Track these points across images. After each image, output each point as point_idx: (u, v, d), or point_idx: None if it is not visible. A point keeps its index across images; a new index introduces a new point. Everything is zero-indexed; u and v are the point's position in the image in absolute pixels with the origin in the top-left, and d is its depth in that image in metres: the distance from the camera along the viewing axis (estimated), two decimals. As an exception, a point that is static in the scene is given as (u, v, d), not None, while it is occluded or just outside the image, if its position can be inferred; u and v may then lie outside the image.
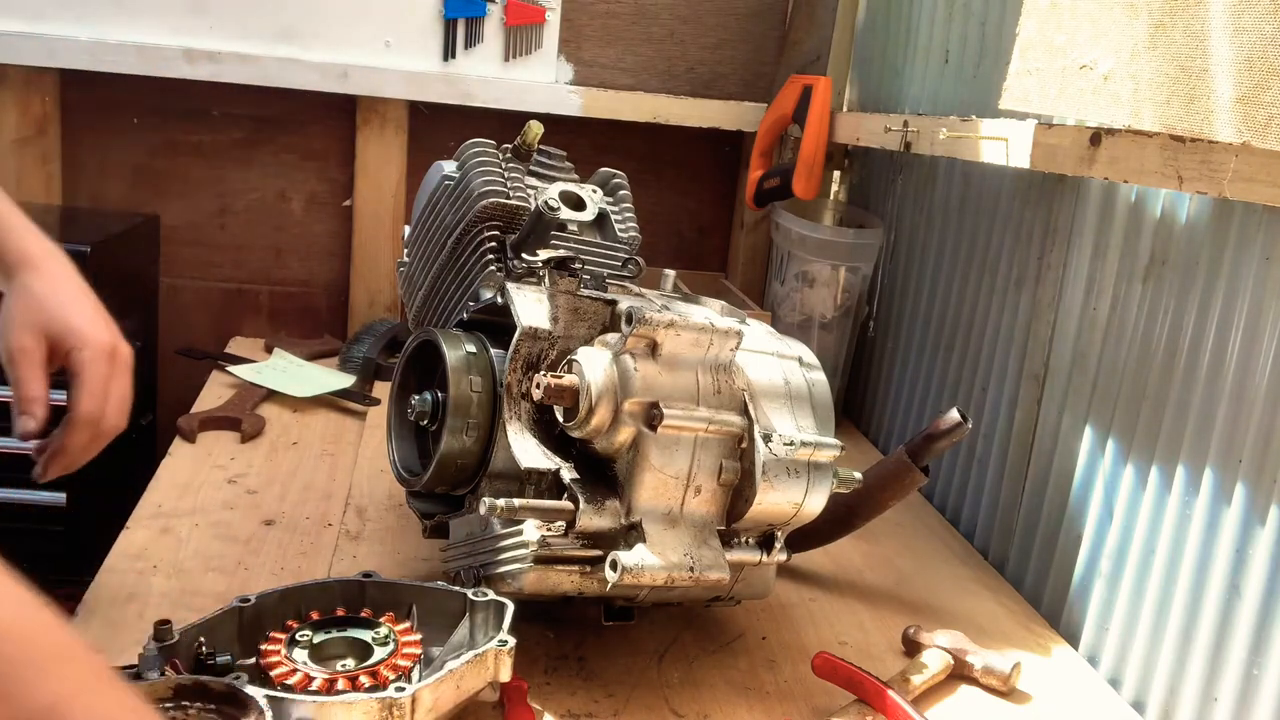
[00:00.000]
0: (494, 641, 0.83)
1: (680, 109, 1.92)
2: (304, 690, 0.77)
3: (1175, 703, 0.99)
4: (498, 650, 0.82)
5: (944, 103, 1.53)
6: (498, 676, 0.82)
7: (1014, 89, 1.21)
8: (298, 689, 0.77)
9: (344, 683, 0.78)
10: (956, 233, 1.50)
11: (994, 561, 1.31)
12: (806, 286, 1.69)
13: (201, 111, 1.86)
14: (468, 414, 0.95)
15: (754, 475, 0.91)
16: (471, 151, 1.11)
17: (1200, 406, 0.99)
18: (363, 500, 1.25)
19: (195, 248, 1.92)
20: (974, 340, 1.42)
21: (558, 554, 0.90)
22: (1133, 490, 1.08)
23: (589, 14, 1.90)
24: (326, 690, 0.77)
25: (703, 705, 0.93)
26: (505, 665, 0.82)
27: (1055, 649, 1.11)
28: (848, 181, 1.87)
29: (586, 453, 0.93)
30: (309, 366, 1.69)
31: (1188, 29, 0.94)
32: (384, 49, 1.84)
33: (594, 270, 1.05)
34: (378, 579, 0.92)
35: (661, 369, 0.91)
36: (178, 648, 0.78)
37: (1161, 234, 1.07)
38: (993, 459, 1.35)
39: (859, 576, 1.22)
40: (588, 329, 0.97)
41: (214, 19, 1.78)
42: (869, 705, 0.92)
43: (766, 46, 1.96)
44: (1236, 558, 0.93)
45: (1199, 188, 0.91)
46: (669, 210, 2.04)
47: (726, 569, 0.92)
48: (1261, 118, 0.84)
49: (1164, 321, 1.05)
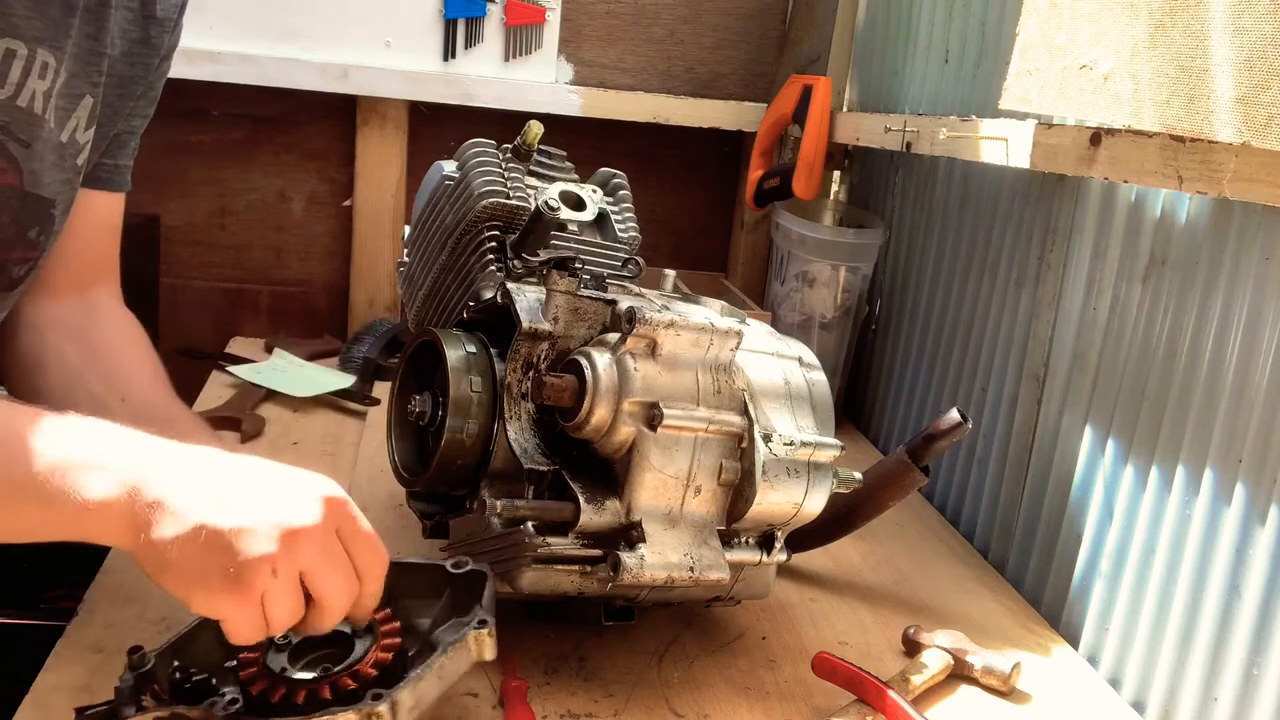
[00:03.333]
0: (473, 623, 0.79)
1: (680, 109, 1.92)
2: (283, 701, 0.75)
3: (1175, 703, 0.99)
4: (477, 634, 0.79)
5: (944, 103, 1.53)
6: (481, 657, 0.79)
7: (1014, 89, 1.21)
8: (276, 700, 0.75)
9: (325, 690, 0.75)
10: (956, 233, 1.50)
11: (994, 561, 1.31)
12: (806, 286, 1.69)
13: (201, 111, 1.86)
14: (468, 414, 0.95)
15: (754, 475, 0.91)
16: (471, 151, 1.11)
17: (1200, 406, 0.99)
18: (363, 500, 1.24)
19: (195, 248, 1.93)
20: (974, 340, 1.42)
21: (558, 554, 0.90)
22: (1133, 490, 1.08)
23: (589, 14, 1.90)
24: (306, 700, 0.74)
25: (703, 705, 0.93)
26: (487, 646, 0.79)
27: (1055, 649, 1.11)
28: (848, 181, 1.87)
29: (586, 453, 0.93)
30: (309, 366, 1.69)
31: (1188, 29, 0.94)
32: (384, 49, 1.84)
33: (594, 270, 1.05)
34: None
35: (661, 369, 0.91)
36: (155, 673, 0.75)
37: (1161, 234, 1.07)
38: (993, 459, 1.35)
39: (859, 576, 1.22)
40: (588, 329, 0.97)
41: (214, 19, 1.78)
42: (869, 705, 0.92)
43: (766, 46, 1.96)
44: (1236, 558, 0.93)
45: (1199, 188, 0.91)
46: (669, 210, 2.04)
47: (726, 569, 0.92)
48: (1261, 118, 0.85)
49: (1164, 321, 1.05)
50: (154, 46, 0.97)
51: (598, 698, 0.92)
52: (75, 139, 0.89)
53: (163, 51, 0.99)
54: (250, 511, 0.66)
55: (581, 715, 0.89)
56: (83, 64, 0.87)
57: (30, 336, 0.99)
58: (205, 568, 0.65)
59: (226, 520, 0.66)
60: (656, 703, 0.92)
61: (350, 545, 0.71)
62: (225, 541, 0.65)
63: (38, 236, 0.91)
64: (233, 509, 0.66)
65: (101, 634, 0.92)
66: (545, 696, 0.91)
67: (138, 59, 0.96)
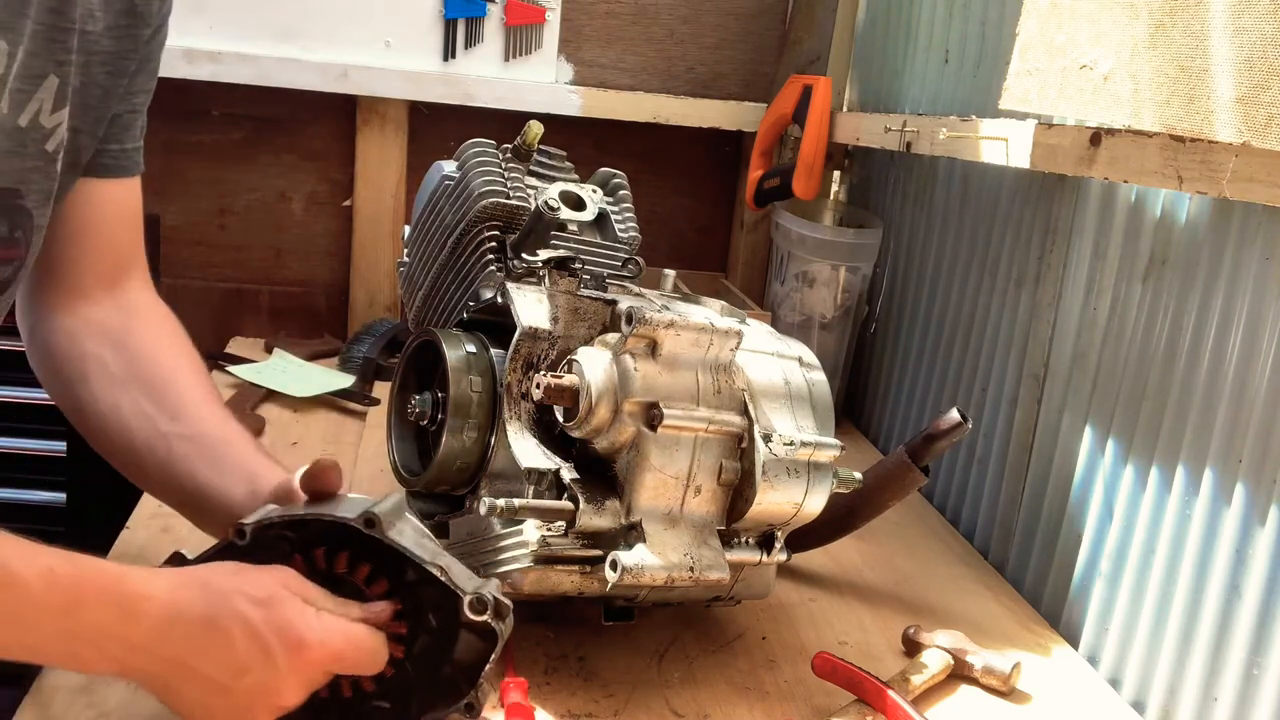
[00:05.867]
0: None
1: (680, 109, 1.92)
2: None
3: (1175, 703, 0.99)
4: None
5: (944, 103, 1.53)
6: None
7: (1014, 89, 1.21)
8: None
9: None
10: (956, 233, 1.50)
11: (994, 561, 1.31)
12: (806, 286, 1.69)
13: (201, 111, 1.86)
14: (468, 414, 0.95)
15: (754, 475, 0.91)
16: (471, 151, 1.12)
17: (1200, 406, 0.99)
18: (363, 500, 1.25)
19: (195, 248, 1.92)
20: (974, 340, 1.42)
21: (558, 554, 0.90)
22: (1133, 490, 1.08)
23: (589, 14, 1.90)
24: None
25: (703, 705, 0.93)
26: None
27: (1055, 649, 1.11)
28: (848, 181, 1.86)
29: (586, 453, 0.93)
30: (309, 366, 1.69)
31: (1188, 29, 0.94)
32: (384, 49, 1.84)
33: (594, 270, 1.05)
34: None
35: (661, 369, 0.91)
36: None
37: (1161, 234, 1.07)
38: (993, 459, 1.35)
39: (859, 576, 1.22)
40: (588, 329, 0.97)
41: (214, 19, 1.78)
42: (869, 705, 0.92)
43: (766, 46, 1.96)
44: (1236, 558, 0.93)
45: (1199, 188, 0.91)
46: (669, 210, 2.04)
47: (726, 569, 0.92)
48: (1261, 118, 0.84)
49: (1164, 321, 1.05)
50: (141, 17, 0.92)
51: (598, 698, 0.92)
52: (39, 122, 0.84)
53: (154, 22, 0.94)
54: (238, 694, 0.70)
55: (581, 715, 0.89)
56: (44, 42, 0.83)
57: (69, 346, 0.96)
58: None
59: (218, 702, 0.70)
60: (656, 703, 0.92)
61: (342, 670, 0.74)
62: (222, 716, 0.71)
63: (12, 232, 0.86)
64: (222, 689, 0.70)
65: (101, 634, 0.91)
66: (545, 696, 0.91)
67: (125, 32, 0.91)
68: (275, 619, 0.70)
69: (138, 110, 0.99)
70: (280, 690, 0.70)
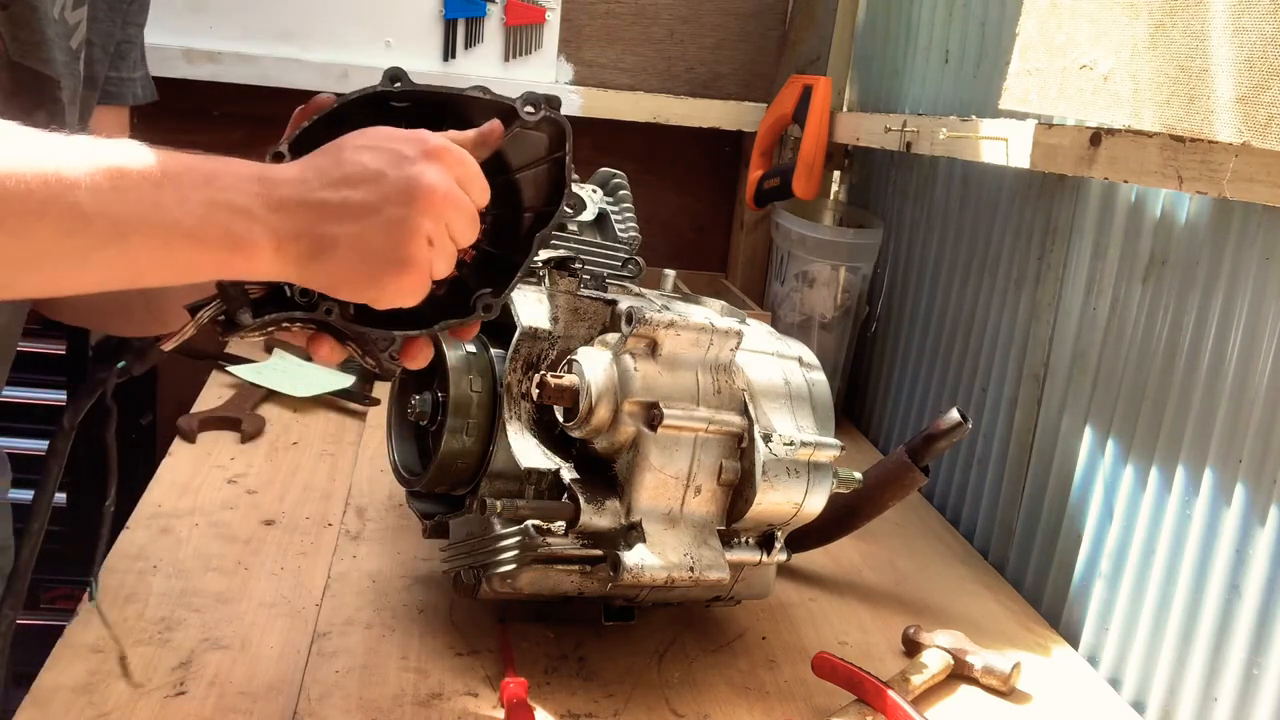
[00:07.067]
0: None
1: (680, 109, 1.92)
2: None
3: (1175, 703, 0.99)
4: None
5: (944, 103, 1.53)
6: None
7: (1014, 89, 1.21)
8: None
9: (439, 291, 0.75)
10: (956, 233, 1.50)
11: (994, 561, 1.31)
12: (806, 286, 1.69)
13: (201, 111, 1.86)
14: (468, 414, 0.95)
15: (754, 475, 0.91)
16: (471, 151, 1.11)
17: (1200, 406, 0.99)
18: (363, 500, 1.25)
19: (195, 248, 1.92)
20: (974, 340, 1.42)
21: (558, 554, 0.90)
22: (1133, 490, 1.08)
23: (589, 14, 1.90)
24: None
25: (703, 705, 0.93)
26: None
27: (1055, 649, 1.11)
28: (848, 181, 1.87)
29: (586, 453, 0.93)
30: (309, 366, 1.69)
31: (1188, 29, 0.94)
32: (384, 49, 1.84)
33: (594, 270, 1.05)
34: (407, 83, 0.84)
35: (661, 369, 0.91)
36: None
37: (1161, 234, 1.07)
38: (993, 459, 1.35)
39: (859, 576, 1.22)
40: (588, 329, 0.97)
41: (214, 19, 1.78)
42: (869, 705, 0.92)
43: (766, 46, 1.96)
44: (1236, 558, 0.93)
45: (1199, 188, 0.91)
46: (669, 210, 2.04)
47: (726, 569, 0.92)
48: (1261, 118, 0.85)
49: (1164, 321, 1.05)
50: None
51: (598, 698, 0.92)
52: (65, 17, 0.87)
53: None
54: (388, 205, 0.70)
55: (581, 715, 0.89)
56: None
57: None
58: (375, 272, 0.70)
59: (372, 224, 0.70)
60: (656, 703, 0.92)
61: (468, 189, 0.75)
62: (379, 243, 0.70)
63: (47, 123, 0.87)
64: (371, 208, 0.70)
65: (101, 634, 0.92)
66: (545, 696, 0.91)
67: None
68: (399, 134, 0.74)
69: (133, 41, 1.01)
70: (419, 198, 0.71)
